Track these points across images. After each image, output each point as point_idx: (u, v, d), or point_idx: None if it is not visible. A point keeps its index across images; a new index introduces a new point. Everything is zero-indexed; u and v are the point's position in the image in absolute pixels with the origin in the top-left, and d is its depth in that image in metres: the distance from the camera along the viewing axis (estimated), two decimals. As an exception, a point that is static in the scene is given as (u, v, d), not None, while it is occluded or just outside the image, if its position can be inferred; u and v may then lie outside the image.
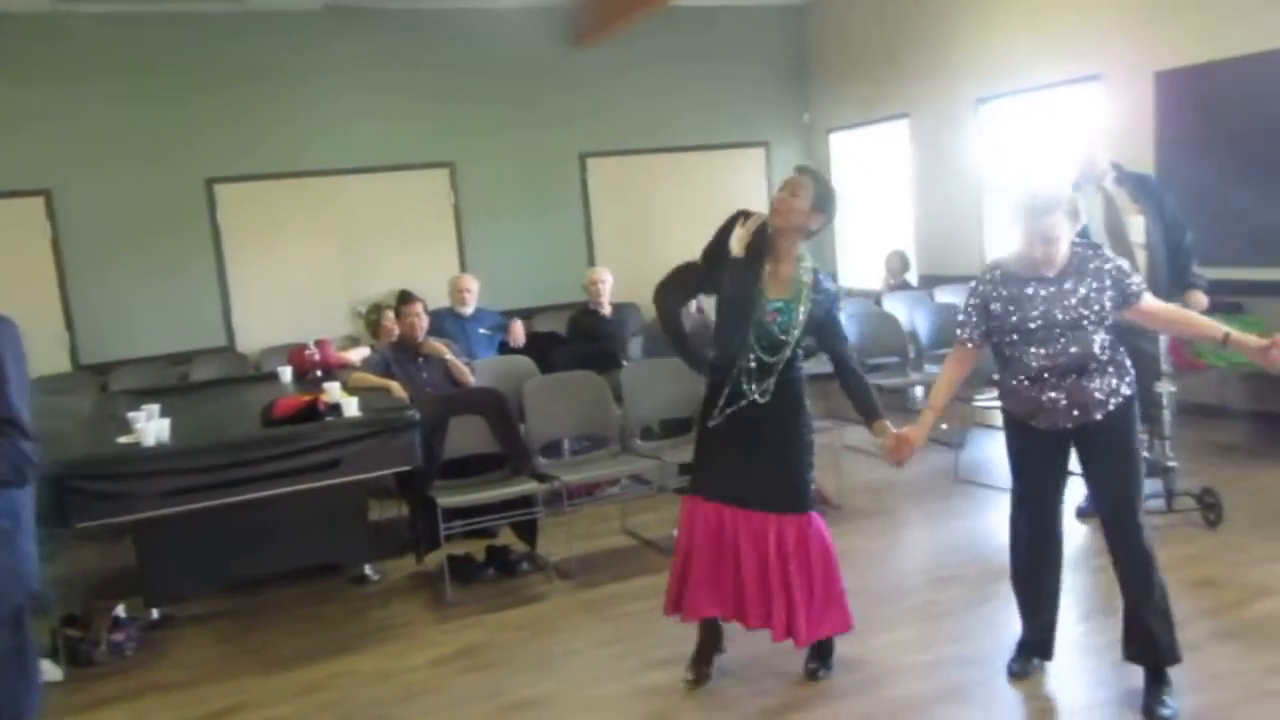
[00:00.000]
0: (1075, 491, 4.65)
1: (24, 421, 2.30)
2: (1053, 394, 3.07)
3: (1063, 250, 3.01)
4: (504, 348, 6.54)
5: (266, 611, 4.64)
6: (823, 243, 10.30)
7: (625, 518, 5.42)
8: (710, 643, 3.58)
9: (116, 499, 3.96)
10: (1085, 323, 3.02)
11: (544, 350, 6.43)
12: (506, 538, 5.08)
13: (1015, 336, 3.10)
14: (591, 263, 8.98)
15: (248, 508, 4.12)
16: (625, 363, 6.09)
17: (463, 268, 8.45)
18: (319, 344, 6.04)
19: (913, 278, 8.75)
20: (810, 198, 3.32)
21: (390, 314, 6.14)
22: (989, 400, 6.11)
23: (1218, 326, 3.09)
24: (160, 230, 7.96)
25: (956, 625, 3.91)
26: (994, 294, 3.14)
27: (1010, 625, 3.68)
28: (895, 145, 9.26)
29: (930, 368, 6.86)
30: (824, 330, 3.42)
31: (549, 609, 4.41)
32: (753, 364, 3.33)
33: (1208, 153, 6.25)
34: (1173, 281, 4.56)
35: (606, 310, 6.69)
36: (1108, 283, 3.03)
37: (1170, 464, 4.72)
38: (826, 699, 3.37)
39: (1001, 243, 8.29)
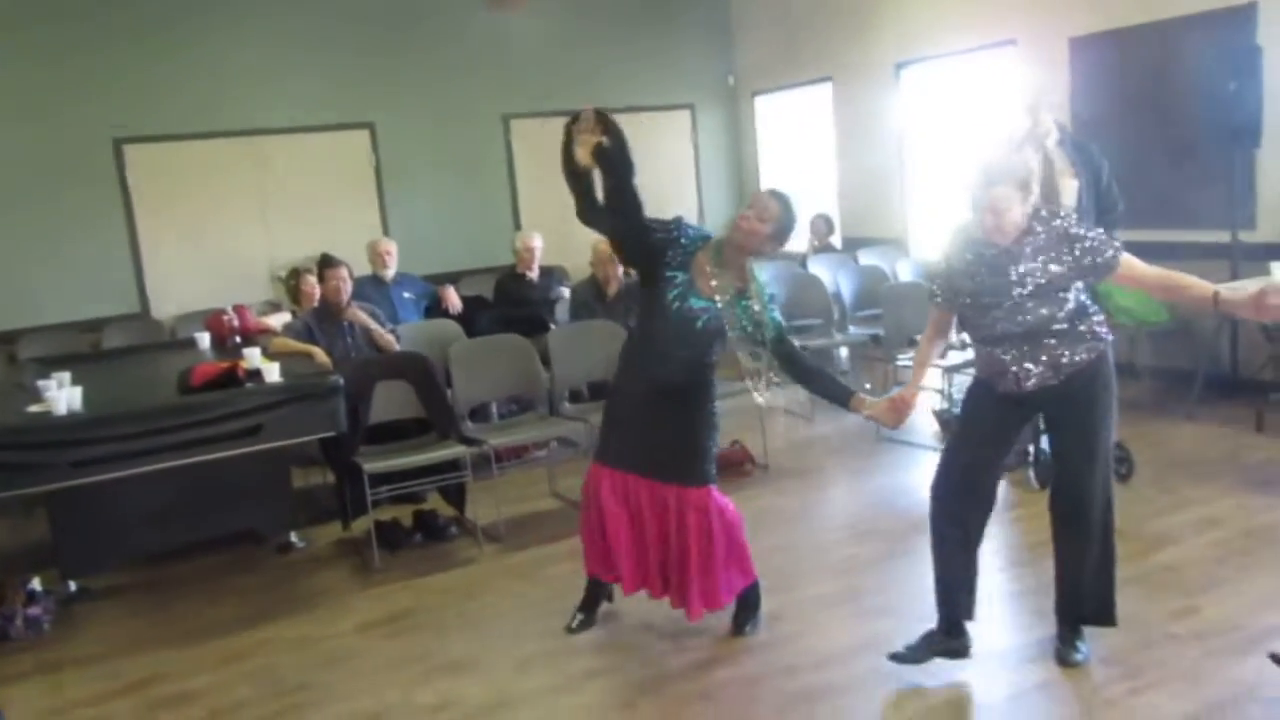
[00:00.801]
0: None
1: None
2: (1009, 359, 3.09)
3: (1012, 220, 2.98)
4: (430, 313, 6.46)
5: (188, 582, 4.56)
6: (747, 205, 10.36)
7: (554, 481, 5.43)
8: (598, 594, 3.72)
9: (27, 470, 3.83)
10: (1043, 291, 3.00)
11: (470, 315, 6.38)
12: (434, 503, 5.06)
13: (969, 300, 3.12)
14: (517, 226, 8.90)
15: (167, 477, 4.03)
16: (553, 326, 6.06)
17: (385, 231, 8.30)
18: (237, 310, 5.90)
19: (837, 240, 8.86)
20: (773, 226, 3.33)
21: (310, 278, 6.01)
22: (911, 359, 6.25)
23: (1207, 286, 3.00)
24: (66, 192, 7.65)
25: (877, 577, 4.02)
26: (957, 258, 3.17)
27: (927, 578, 3.79)
28: (819, 108, 9.33)
29: (854, 329, 6.98)
30: (772, 347, 3.39)
31: (477, 573, 4.41)
32: (663, 352, 3.35)
33: (1121, 118, 6.42)
34: None
35: (534, 274, 6.65)
36: (1076, 252, 2.98)
37: (1082, 420, 4.88)
38: (750, 651, 3.45)
39: (921, 206, 8.45)
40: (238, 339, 5.64)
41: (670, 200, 9.98)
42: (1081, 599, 3.22)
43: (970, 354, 5.93)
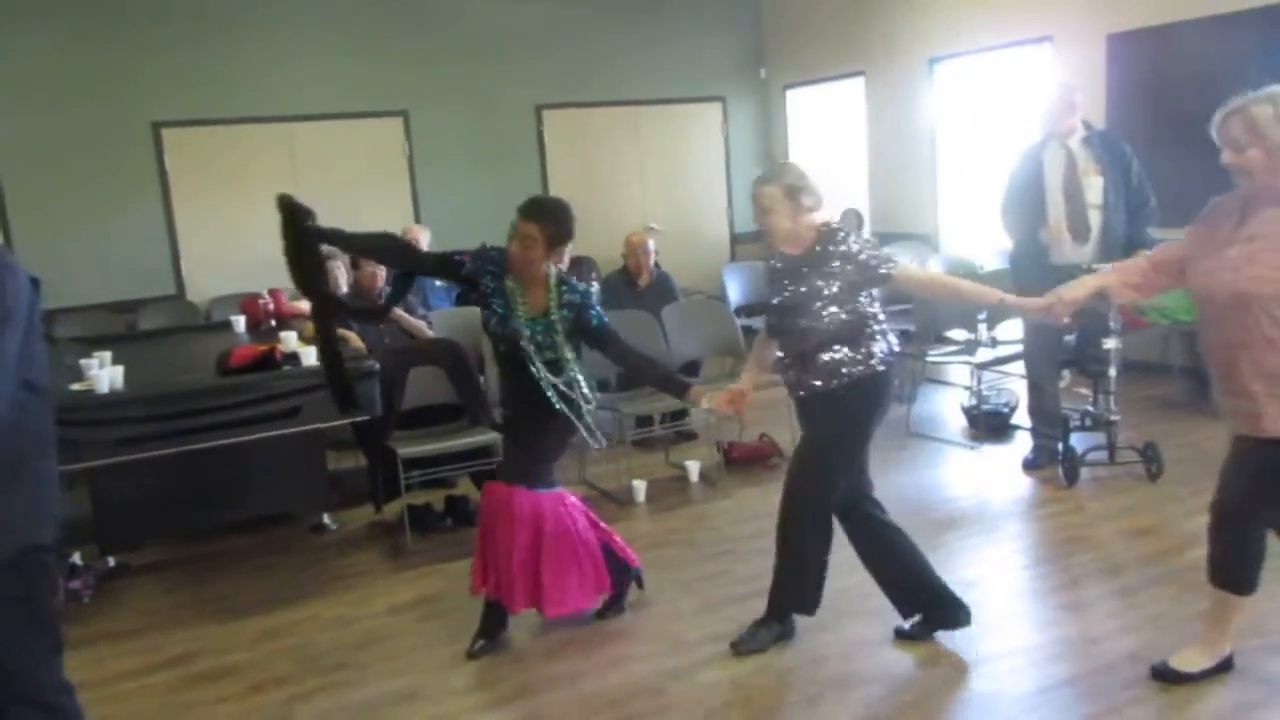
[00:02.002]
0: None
1: None
2: (789, 366, 3.29)
3: (778, 224, 3.20)
4: (462, 300, 6.51)
5: (224, 560, 4.64)
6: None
7: (583, 468, 5.47)
8: (495, 618, 3.61)
9: (70, 446, 3.84)
10: (819, 302, 3.14)
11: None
12: (465, 488, 5.11)
13: (770, 305, 3.32)
14: (548, 216, 8.93)
15: (205, 456, 4.09)
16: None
17: (416, 219, 8.36)
18: (272, 294, 5.96)
19: (866, 235, 8.82)
20: (543, 245, 3.36)
21: (338, 265, 6.06)
22: (940, 355, 6.26)
23: (990, 292, 3.24)
24: (105, 175, 7.76)
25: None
26: (770, 265, 3.37)
27: (957, 573, 3.81)
28: (851, 103, 9.30)
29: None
30: (586, 336, 3.47)
31: (508, 557, 4.45)
32: (550, 391, 3.39)
33: (1159, 116, 6.37)
34: (1127, 243, 4.67)
35: (564, 265, 6.66)
36: (849, 266, 3.14)
37: (1113, 418, 4.88)
38: (778, 644, 3.47)
39: (954, 202, 8.43)
40: (272, 322, 5.70)
41: (700, 194, 10.00)
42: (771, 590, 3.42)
43: (1000, 352, 5.97)
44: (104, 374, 4.12)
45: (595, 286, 6.62)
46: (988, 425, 5.83)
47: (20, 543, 2.19)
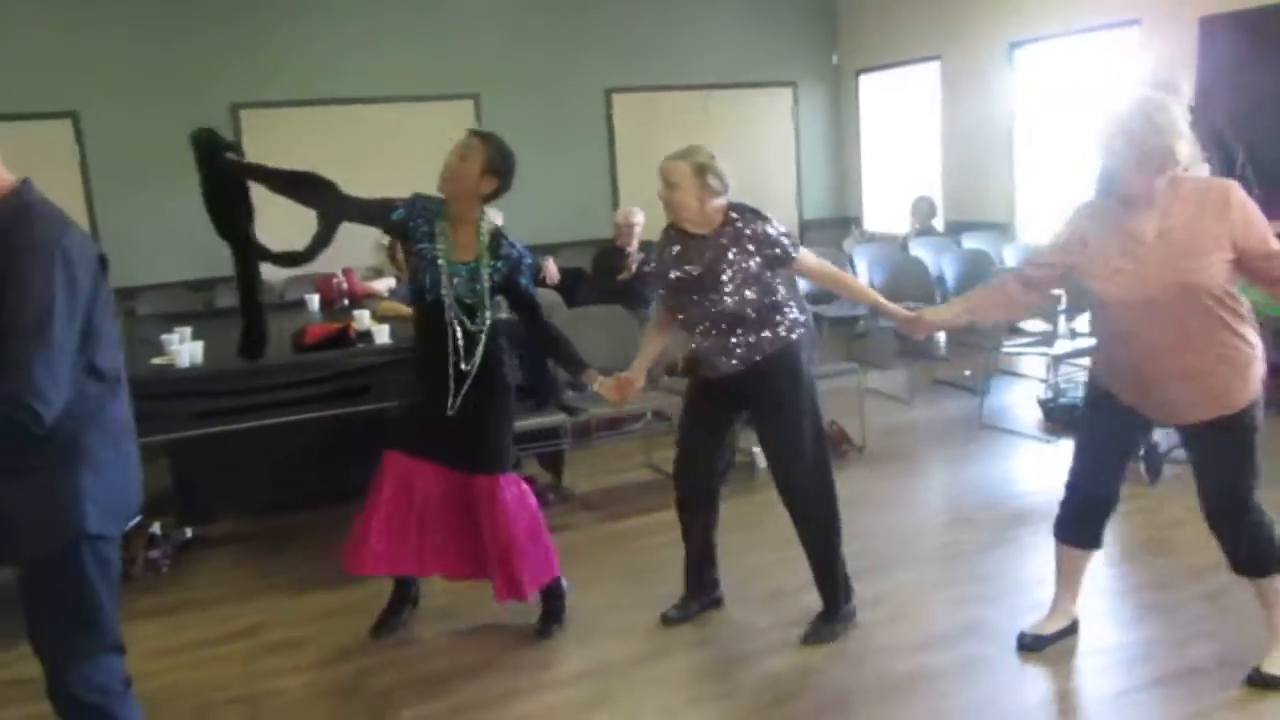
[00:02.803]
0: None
1: (32, 369, 1.95)
2: (706, 344, 3.27)
3: (684, 200, 3.18)
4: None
5: (295, 535, 4.70)
6: (847, 186, 10.23)
7: (649, 453, 5.45)
8: (400, 598, 3.64)
9: (151, 419, 3.95)
10: (732, 281, 3.18)
11: (569, 286, 6.42)
12: (532, 469, 5.12)
13: (664, 289, 3.31)
14: (616, 200, 8.93)
15: (280, 432, 4.16)
16: (651, 300, 6.07)
17: (487, 202, 8.40)
18: (346, 274, 6.05)
19: (939, 224, 8.68)
20: (481, 162, 3.23)
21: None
22: (1016, 347, 6.11)
23: (871, 293, 3.33)
24: (184, 156, 7.85)
25: (976, 566, 3.95)
26: (666, 249, 3.31)
27: (1030, 569, 3.72)
28: (926, 88, 9.12)
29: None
30: (512, 295, 3.38)
31: (574, 540, 4.45)
32: (460, 338, 3.27)
33: (1253, 103, 6.13)
34: None
35: (633, 249, 6.67)
36: (764, 247, 3.20)
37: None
38: (850, 630, 3.41)
39: (1031, 190, 8.22)
40: (345, 302, 5.78)
41: (768, 181, 9.89)
42: (822, 581, 3.40)
43: (1078, 343, 5.81)
44: (184, 349, 4.21)
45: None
46: (1065, 419, 5.67)
47: (71, 532, 2.10)
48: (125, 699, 2.25)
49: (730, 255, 3.20)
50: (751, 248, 3.20)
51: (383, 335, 4.41)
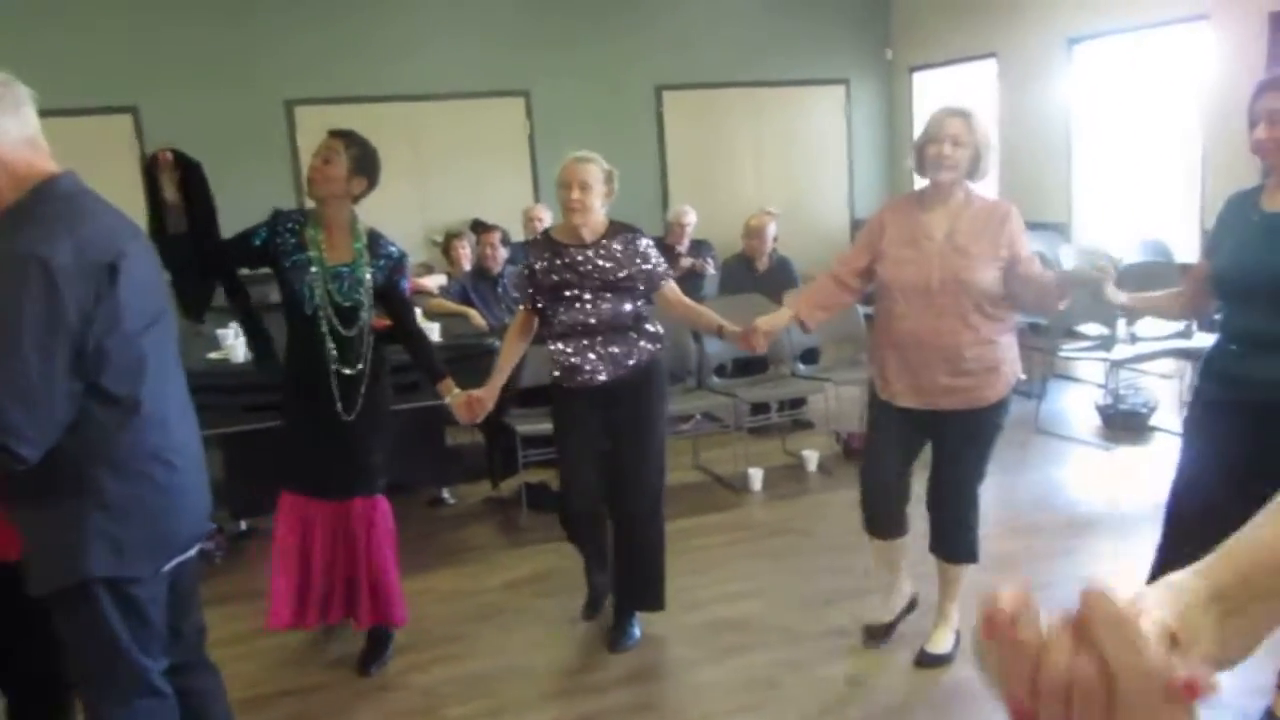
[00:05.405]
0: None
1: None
2: (575, 354, 3.25)
3: (593, 202, 3.21)
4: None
5: (345, 528, 4.74)
6: (900, 185, 10.10)
7: (698, 454, 5.43)
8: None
9: (206, 412, 3.99)
10: (614, 292, 3.22)
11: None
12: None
13: (550, 294, 3.27)
14: (666, 198, 8.90)
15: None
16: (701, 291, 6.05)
17: (536, 199, 8.42)
18: (397, 270, 6.07)
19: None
20: (346, 163, 3.12)
21: (459, 244, 6.14)
22: (1073, 352, 5.99)
23: (711, 317, 3.38)
24: (240, 150, 8.02)
25: (1036, 574, 3.86)
26: (540, 257, 3.30)
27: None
28: (981, 86, 8.97)
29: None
30: (388, 295, 3.27)
31: (621, 539, 4.45)
32: (332, 345, 3.14)
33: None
34: None
35: (683, 248, 6.64)
36: (638, 260, 3.24)
37: None
38: (902, 640, 3.36)
39: (1090, 190, 8.06)
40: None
41: (820, 180, 9.81)
42: (645, 588, 3.43)
43: (1138, 348, 5.68)
44: (239, 344, 4.25)
45: (711, 269, 6.56)
46: (1124, 425, 5.56)
47: (73, 575, 1.89)
48: None
49: (607, 265, 3.22)
50: (639, 264, 3.24)
51: (433, 333, 4.42)
